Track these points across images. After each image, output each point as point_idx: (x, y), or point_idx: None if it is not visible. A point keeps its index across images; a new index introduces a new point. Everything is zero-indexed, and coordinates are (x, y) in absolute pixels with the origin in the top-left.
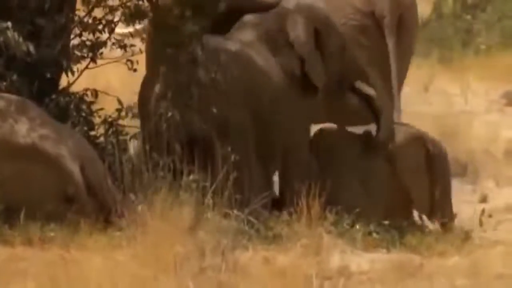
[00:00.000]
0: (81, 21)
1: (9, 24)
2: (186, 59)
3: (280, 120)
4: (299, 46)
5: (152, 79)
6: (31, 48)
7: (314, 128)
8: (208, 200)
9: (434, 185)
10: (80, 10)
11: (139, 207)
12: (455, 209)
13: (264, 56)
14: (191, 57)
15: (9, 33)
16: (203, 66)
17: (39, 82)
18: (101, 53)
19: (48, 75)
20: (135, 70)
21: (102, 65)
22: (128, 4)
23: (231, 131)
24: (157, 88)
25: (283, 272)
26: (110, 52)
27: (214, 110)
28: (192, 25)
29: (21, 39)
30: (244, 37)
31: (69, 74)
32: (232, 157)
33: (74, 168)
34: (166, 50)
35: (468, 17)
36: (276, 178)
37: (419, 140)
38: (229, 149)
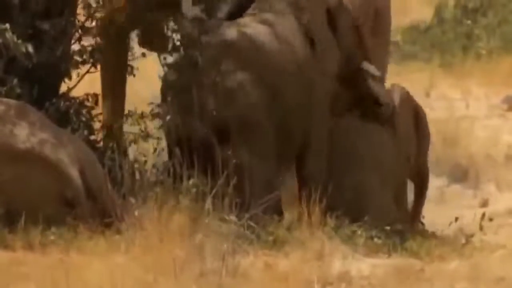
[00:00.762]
0: (82, 26)
1: (8, 25)
2: (187, 62)
3: (302, 107)
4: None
5: None
6: (30, 49)
7: None
8: (208, 204)
9: (420, 148)
10: (81, 15)
11: (139, 211)
12: (456, 213)
13: (280, 40)
14: (192, 60)
15: (8, 35)
16: (211, 63)
17: (40, 86)
18: None
19: (49, 80)
20: (134, 75)
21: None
22: None
23: (243, 131)
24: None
25: (284, 277)
26: None
27: (214, 112)
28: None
29: (20, 41)
30: (256, 23)
31: (70, 79)
32: (234, 161)
33: (73, 172)
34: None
35: (469, 22)
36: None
37: (410, 101)
38: (229, 152)
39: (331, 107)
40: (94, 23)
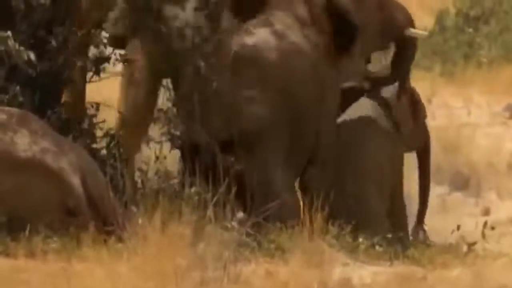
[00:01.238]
0: (84, 34)
1: (9, 33)
2: (190, 70)
3: (314, 110)
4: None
5: None
6: (32, 56)
7: None
8: (210, 212)
9: (416, 127)
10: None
11: (140, 220)
12: (457, 221)
13: (286, 44)
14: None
15: (10, 42)
16: (216, 72)
17: (42, 94)
18: (104, 68)
19: (51, 88)
20: None
21: (104, 78)
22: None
23: (252, 142)
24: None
25: (285, 285)
26: (113, 66)
27: (217, 120)
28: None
29: (22, 48)
30: (260, 28)
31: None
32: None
33: (75, 180)
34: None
35: (470, 30)
36: None
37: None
38: (232, 159)
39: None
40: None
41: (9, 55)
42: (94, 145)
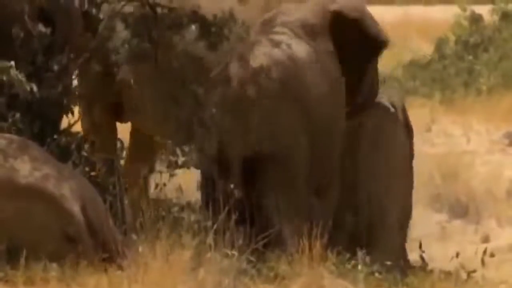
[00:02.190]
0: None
1: (13, 63)
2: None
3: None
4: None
5: None
6: (34, 87)
7: None
8: (210, 239)
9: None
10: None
11: (140, 247)
12: (457, 249)
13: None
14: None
15: (12, 72)
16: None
17: (41, 122)
18: None
19: (50, 115)
20: None
21: None
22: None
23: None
24: None
25: None
26: None
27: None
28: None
29: (24, 79)
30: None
31: (72, 114)
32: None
33: (75, 208)
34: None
35: (470, 57)
36: None
37: (403, 109)
38: (232, 186)
39: None
40: None
41: (10, 85)
42: (94, 172)
